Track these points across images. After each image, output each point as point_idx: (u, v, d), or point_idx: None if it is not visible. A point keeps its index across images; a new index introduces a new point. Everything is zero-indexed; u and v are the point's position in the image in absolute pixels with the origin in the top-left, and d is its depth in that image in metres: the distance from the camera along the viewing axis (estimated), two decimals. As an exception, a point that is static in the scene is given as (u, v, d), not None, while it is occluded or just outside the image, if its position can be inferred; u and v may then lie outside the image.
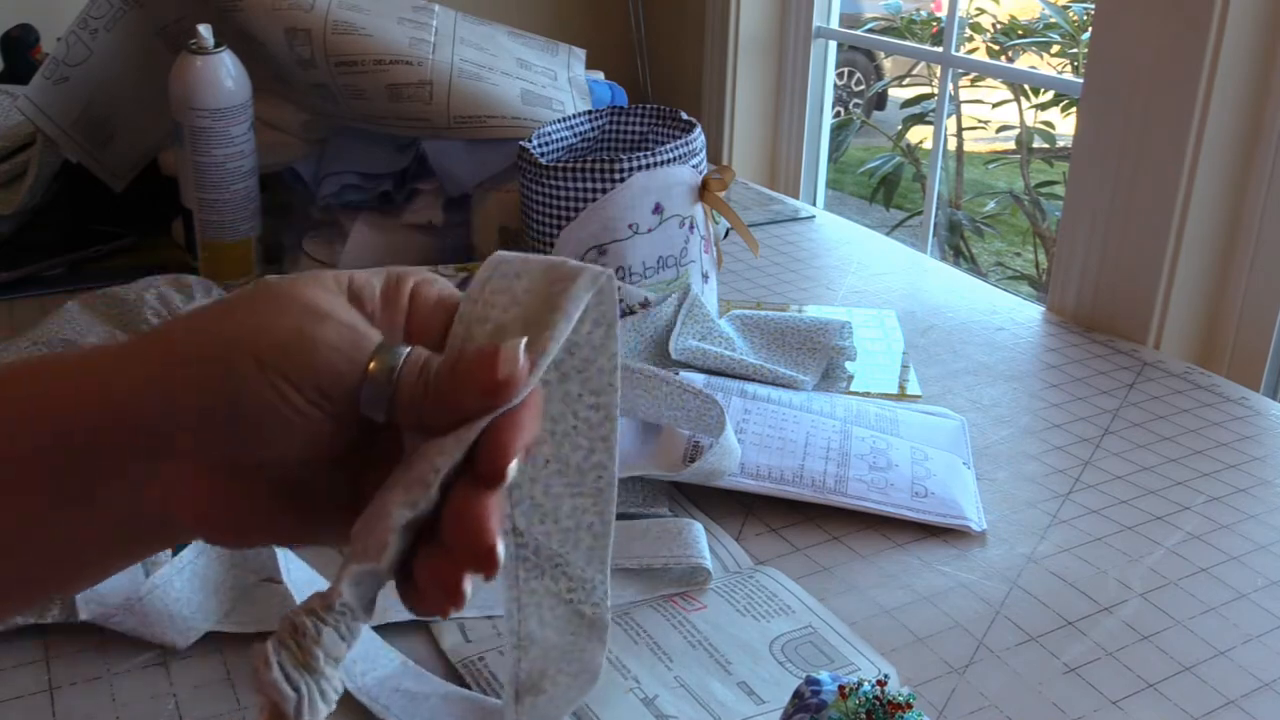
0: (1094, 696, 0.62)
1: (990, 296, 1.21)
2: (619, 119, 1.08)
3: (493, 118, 1.09)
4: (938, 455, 0.83)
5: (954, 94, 3.18)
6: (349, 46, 1.06)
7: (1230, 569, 0.74)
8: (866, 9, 4.42)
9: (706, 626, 0.65)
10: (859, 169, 4.05)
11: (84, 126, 1.14)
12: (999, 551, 0.75)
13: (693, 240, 1.00)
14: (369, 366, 0.34)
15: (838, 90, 4.87)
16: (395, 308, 0.37)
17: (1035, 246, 3.35)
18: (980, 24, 3.60)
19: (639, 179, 0.94)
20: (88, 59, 1.11)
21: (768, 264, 1.28)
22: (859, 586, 0.71)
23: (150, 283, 0.99)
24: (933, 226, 1.84)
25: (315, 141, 1.16)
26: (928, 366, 1.03)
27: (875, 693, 0.50)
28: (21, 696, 0.59)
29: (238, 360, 0.33)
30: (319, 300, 0.35)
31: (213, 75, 1.02)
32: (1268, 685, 0.63)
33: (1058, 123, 3.29)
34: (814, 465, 0.79)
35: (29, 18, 1.52)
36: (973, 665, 0.64)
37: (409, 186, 1.12)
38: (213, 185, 1.06)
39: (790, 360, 0.97)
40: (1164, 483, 0.84)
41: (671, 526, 0.72)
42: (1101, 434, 0.91)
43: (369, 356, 0.35)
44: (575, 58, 1.26)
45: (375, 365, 0.34)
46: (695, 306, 0.97)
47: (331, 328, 0.34)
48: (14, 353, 0.90)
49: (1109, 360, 1.06)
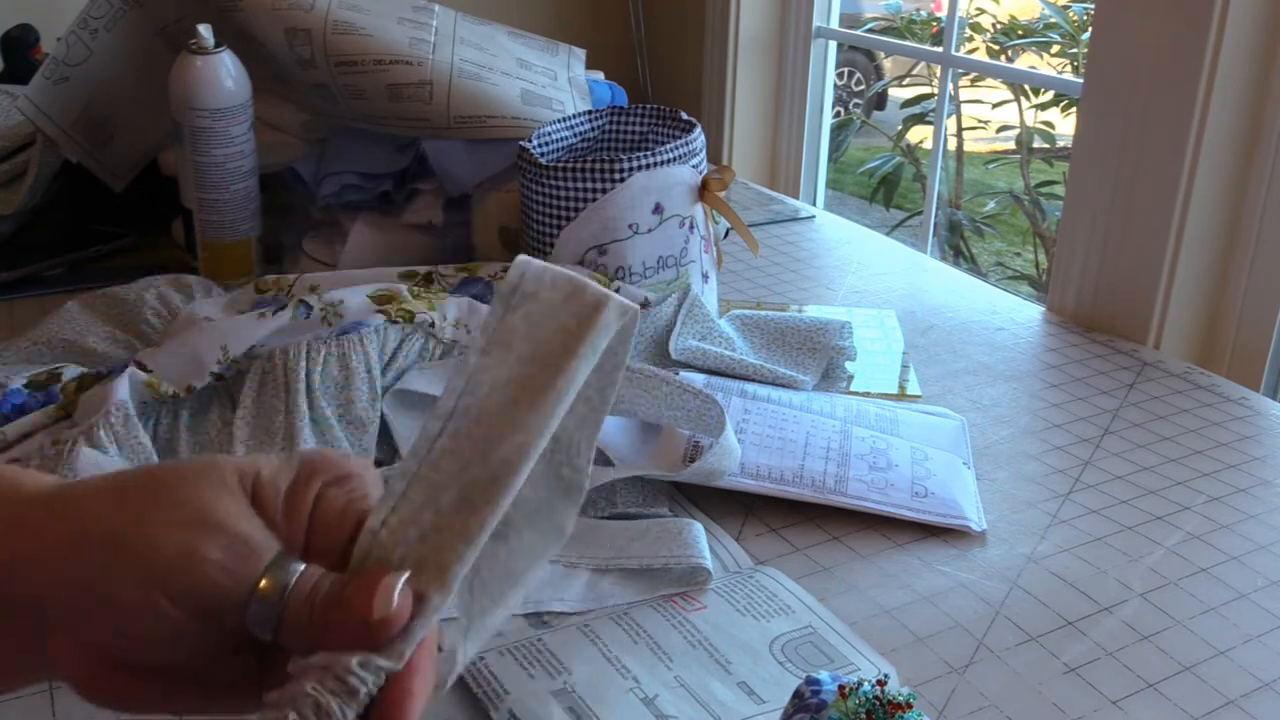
0: (1094, 696, 0.62)
1: (990, 296, 1.21)
2: (619, 119, 1.08)
3: (493, 118, 1.09)
4: (938, 455, 0.83)
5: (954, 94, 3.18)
6: (349, 46, 1.06)
7: (1230, 569, 0.74)
8: (866, 9, 4.41)
9: (706, 626, 0.65)
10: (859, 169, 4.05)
11: (84, 126, 1.14)
12: (999, 551, 0.75)
13: (693, 240, 1.00)
14: (260, 584, 0.33)
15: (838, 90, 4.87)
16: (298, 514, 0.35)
17: (1035, 246, 3.35)
18: (980, 24, 3.59)
19: (639, 179, 0.94)
20: (88, 59, 1.11)
21: (768, 264, 1.28)
22: (859, 586, 0.71)
23: (150, 283, 0.99)
24: (933, 226, 1.84)
25: (315, 141, 1.16)
26: (928, 366, 1.03)
27: (875, 693, 0.50)
28: (21, 696, 0.59)
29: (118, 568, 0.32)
30: (213, 509, 0.33)
31: (213, 75, 1.02)
32: (1268, 685, 0.63)
33: (1058, 123, 3.29)
34: (814, 465, 0.79)
35: (29, 18, 1.52)
36: (973, 665, 0.64)
37: (409, 186, 1.12)
38: (213, 185, 1.05)
39: (790, 360, 0.97)
40: (1164, 483, 0.84)
41: (671, 526, 0.72)
42: (1101, 434, 0.91)
43: (260, 574, 0.33)
44: (575, 58, 1.26)
45: (267, 583, 0.33)
46: (695, 306, 0.97)
47: (219, 544, 0.33)
48: (14, 352, 0.90)
49: (1109, 360, 1.06)
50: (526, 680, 0.60)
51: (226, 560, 0.33)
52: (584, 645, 0.63)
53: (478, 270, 0.98)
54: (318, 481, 0.35)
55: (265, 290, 0.95)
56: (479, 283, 0.97)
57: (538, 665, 0.61)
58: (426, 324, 0.86)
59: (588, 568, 0.70)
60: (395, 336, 0.85)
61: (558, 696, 0.59)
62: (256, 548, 0.33)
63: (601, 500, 0.76)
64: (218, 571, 0.32)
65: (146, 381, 0.78)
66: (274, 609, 0.33)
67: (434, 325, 0.86)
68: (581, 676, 0.61)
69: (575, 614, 0.67)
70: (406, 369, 0.84)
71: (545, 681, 0.60)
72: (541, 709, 0.58)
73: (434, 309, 0.88)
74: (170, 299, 0.97)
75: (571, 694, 0.59)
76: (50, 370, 0.83)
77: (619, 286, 0.95)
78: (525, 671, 0.61)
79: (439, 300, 0.89)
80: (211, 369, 0.80)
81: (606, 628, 0.65)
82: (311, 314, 0.85)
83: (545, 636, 0.64)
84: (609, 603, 0.68)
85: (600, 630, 0.64)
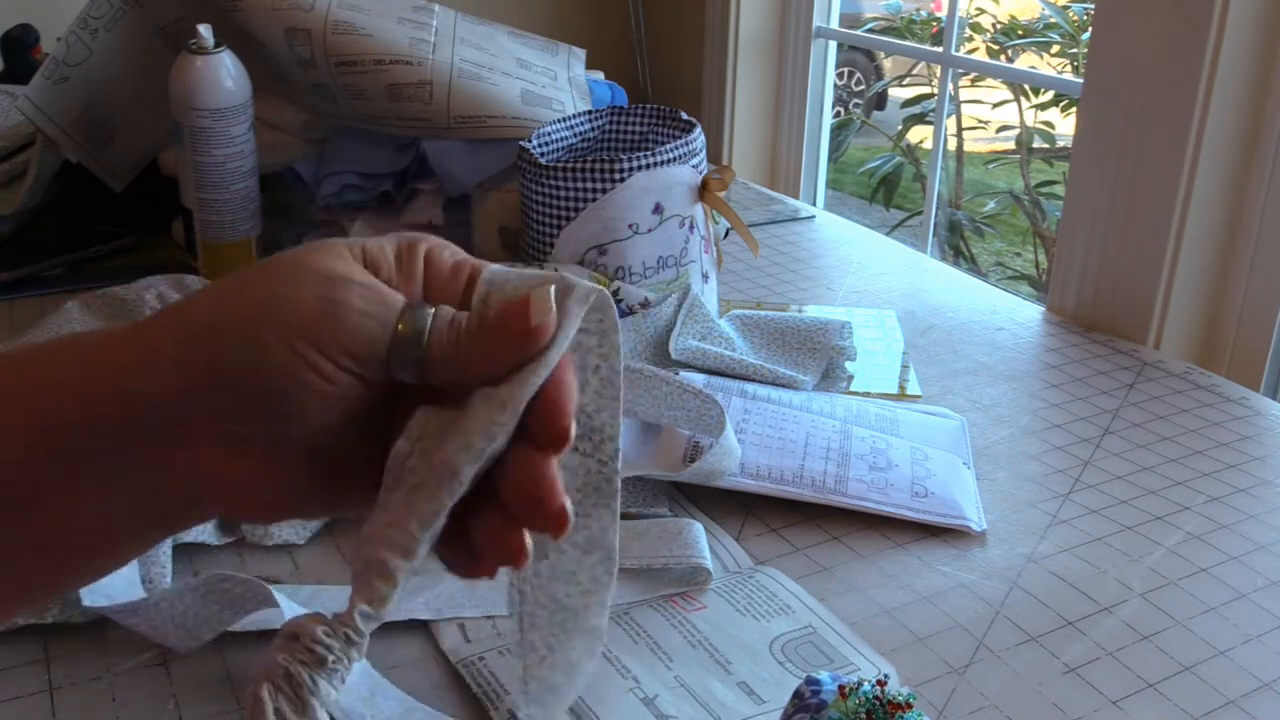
0: (1094, 696, 0.62)
1: (990, 296, 1.21)
2: (619, 119, 1.08)
3: (493, 118, 1.09)
4: (938, 455, 0.83)
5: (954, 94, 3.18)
6: (349, 46, 1.06)
7: (1230, 569, 0.74)
8: (866, 9, 4.42)
9: (706, 626, 0.65)
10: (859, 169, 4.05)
11: (84, 126, 1.14)
12: (999, 551, 0.75)
13: (693, 240, 1.00)
14: (398, 327, 0.34)
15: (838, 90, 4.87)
16: (411, 273, 0.36)
17: (1035, 246, 3.35)
18: (980, 24, 3.60)
19: (639, 179, 0.94)
20: (88, 59, 1.11)
21: (768, 264, 1.28)
22: (859, 586, 0.71)
23: (150, 283, 0.99)
24: (933, 226, 1.84)
25: (315, 141, 1.16)
26: (928, 366, 1.03)
27: (875, 693, 0.50)
28: (21, 696, 0.59)
29: (261, 332, 0.33)
30: (337, 267, 0.34)
31: (213, 75, 1.02)
32: (1268, 685, 0.63)
33: (1058, 123, 3.29)
34: (814, 465, 0.79)
35: (29, 18, 1.52)
36: (973, 665, 0.64)
37: (409, 186, 1.12)
38: (213, 185, 1.06)
39: (790, 360, 0.97)
40: (1164, 483, 0.84)
41: (671, 526, 0.72)
42: (1101, 434, 0.91)
43: (396, 317, 0.34)
44: (575, 58, 1.26)
45: (404, 326, 0.34)
46: (695, 306, 0.97)
47: (355, 292, 0.34)
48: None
49: (1109, 360, 1.06)
50: (526, 680, 0.60)
51: (365, 305, 0.34)
52: (584, 645, 0.63)
53: (478, 270, 0.98)
54: (422, 247, 0.37)
55: (265, 290, 0.95)
56: (479, 283, 0.97)
57: (538, 665, 0.61)
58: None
59: (588, 568, 0.70)
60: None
61: (558, 696, 0.59)
62: (389, 294, 0.35)
63: (601, 500, 0.76)
64: (358, 316, 0.34)
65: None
66: (415, 350, 0.34)
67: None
68: (581, 676, 0.61)
69: (575, 614, 0.67)
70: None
71: (545, 681, 0.60)
72: (541, 709, 0.58)
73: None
74: (170, 299, 0.97)
75: (571, 694, 0.59)
76: (50, 370, 0.83)
77: (619, 286, 0.95)
78: (525, 671, 0.61)
79: (439, 300, 0.89)
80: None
81: (606, 628, 0.65)
82: (311, 314, 0.85)
83: (545, 636, 0.64)
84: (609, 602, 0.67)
85: (600, 630, 0.64)
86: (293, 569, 0.70)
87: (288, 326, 0.33)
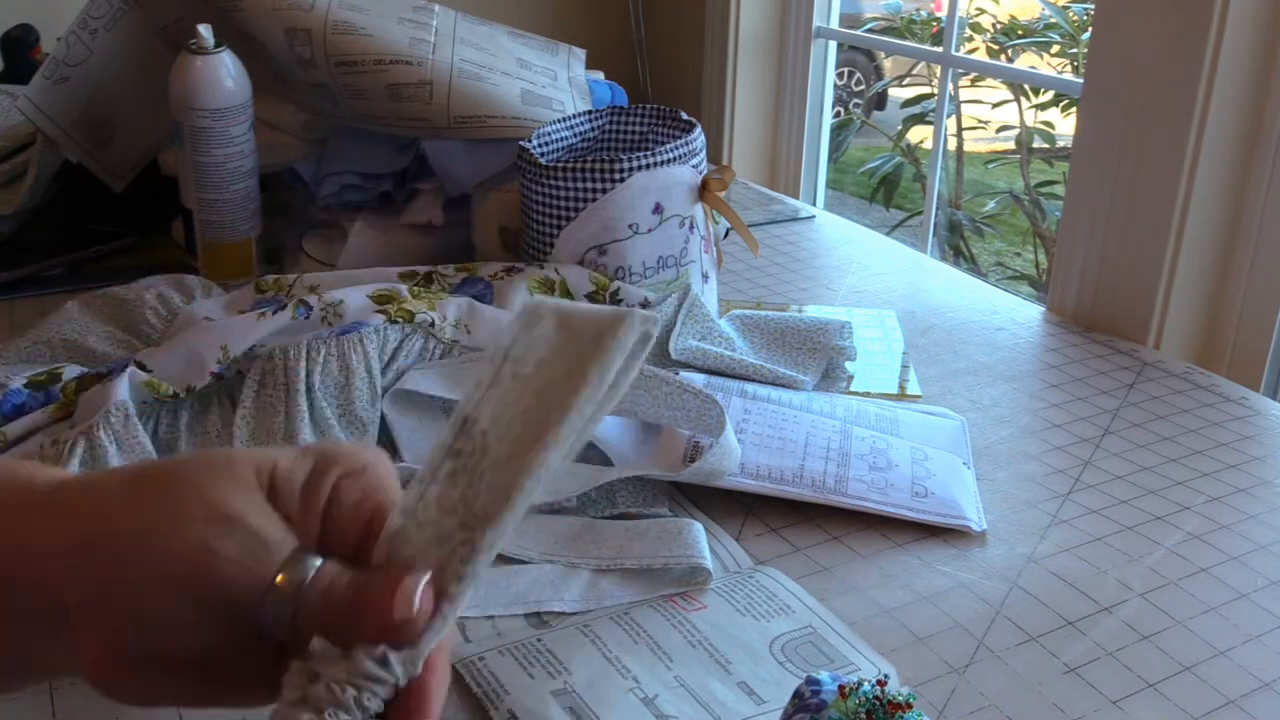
0: (1094, 696, 0.62)
1: (990, 296, 1.21)
2: (619, 119, 1.08)
3: (493, 118, 1.09)
4: (938, 455, 0.83)
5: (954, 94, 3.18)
6: (349, 46, 1.06)
7: (1230, 569, 0.74)
8: (866, 9, 4.42)
9: (706, 626, 0.65)
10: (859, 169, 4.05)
11: (84, 126, 1.13)
12: (999, 551, 0.75)
13: (693, 240, 1.00)
14: (276, 580, 0.33)
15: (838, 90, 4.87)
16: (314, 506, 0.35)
17: (1035, 246, 3.35)
18: (980, 24, 3.59)
19: (639, 179, 0.94)
20: (88, 59, 1.11)
21: (768, 264, 1.28)
22: (859, 586, 0.71)
23: (150, 283, 0.99)
24: (933, 226, 1.84)
25: (315, 141, 1.16)
26: (928, 366, 1.03)
27: (875, 693, 0.49)
28: (21, 696, 0.59)
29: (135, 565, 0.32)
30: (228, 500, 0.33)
31: (213, 75, 1.02)
32: (1268, 685, 0.63)
33: (1058, 123, 3.29)
34: (814, 465, 0.79)
35: (29, 18, 1.52)
36: (973, 665, 0.64)
37: (409, 186, 1.12)
38: (213, 185, 1.06)
39: (790, 360, 0.97)
40: (1164, 483, 0.84)
41: (671, 526, 0.72)
42: (1101, 434, 0.91)
43: (275, 571, 0.33)
44: (575, 58, 1.26)
45: (283, 579, 0.33)
46: (695, 306, 0.97)
47: (237, 540, 0.33)
48: (14, 351, 0.90)
49: (1109, 360, 1.06)
50: (526, 680, 0.60)
51: (243, 557, 0.33)
52: (584, 645, 0.63)
53: (478, 270, 0.98)
54: (334, 474, 0.35)
55: (265, 290, 0.95)
56: (479, 283, 0.97)
57: (538, 665, 0.61)
58: (426, 324, 0.86)
59: (588, 568, 0.70)
60: (395, 336, 0.85)
61: (558, 696, 0.59)
62: (272, 544, 0.33)
63: (602, 500, 0.76)
64: (234, 568, 0.32)
65: (146, 381, 0.78)
66: (289, 606, 0.33)
67: (434, 325, 0.86)
68: (581, 676, 0.61)
69: (575, 614, 0.67)
70: (406, 369, 0.84)
71: (545, 681, 0.60)
72: (541, 709, 0.58)
73: (434, 309, 0.88)
74: (170, 299, 0.97)
75: (571, 694, 0.59)
76: (50, 370, 0.83)
77: (619, 287, 0.95)
78: (525, 671, 0.61)
79: (439, 300, 0.89)
80: (211, 369, 0.80)
81: (606, 628, 0.65)
82: (311, 314, 0.85)
83: (545, 636, 0.64)
84: (609, 603, 0.68)
85: (600, 630, 0.64)
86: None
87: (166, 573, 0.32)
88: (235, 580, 0.33)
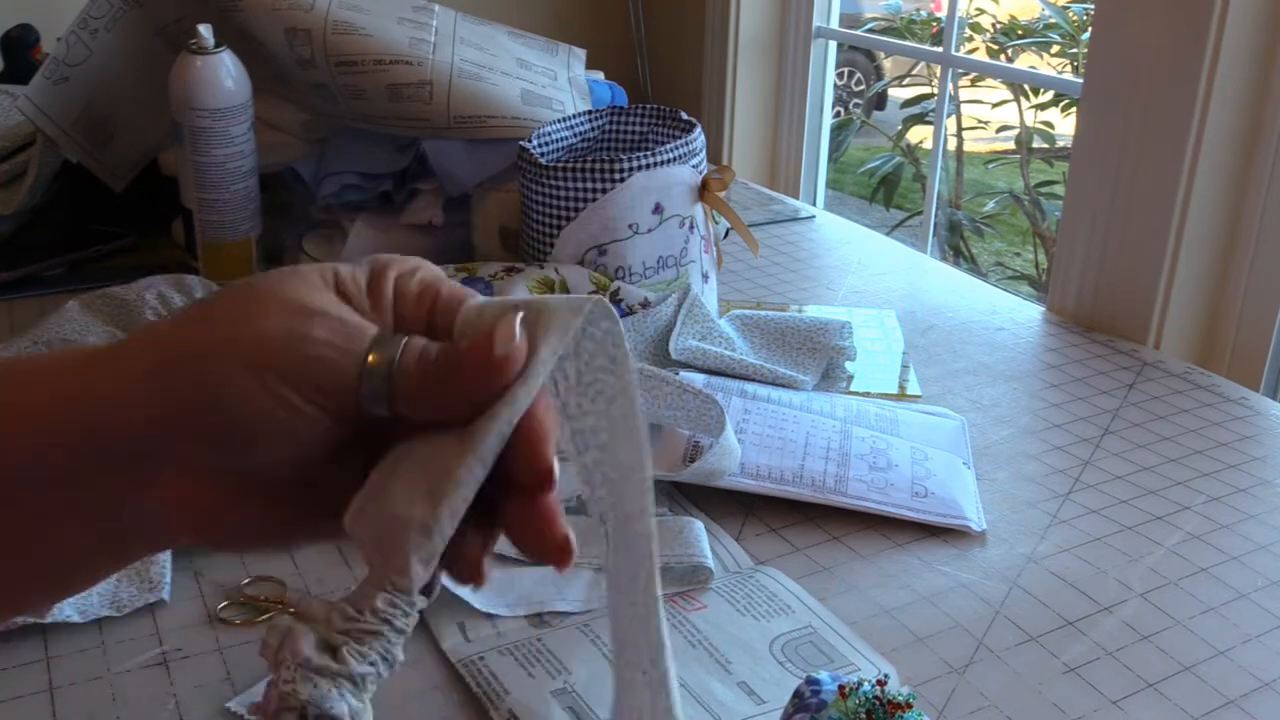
0: (1094, 696, 0.62)
1: (990, 296, 1.21)
2: (619, 119, 1.08)
3: (493, 118, 1.09)
4: (938, 455, 0.83)
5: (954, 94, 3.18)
6: (349, 46, 1.06)
7: (1230, 569, 0.74)
8: (866, 9, 4.42)
9: (706, 626, 0.65)
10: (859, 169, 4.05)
11: (84, 126, 1.14)
12: (999, 551, 0.75)
13: (693, 240, 1.00)
14: (368, 359, 0.33)
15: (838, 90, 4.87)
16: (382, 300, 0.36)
17: (1035, 246, 3.35)
18: (980, 24, 3.60)
19: (639, 179, 0.94)
20: (88, 59, 1.11)
21: (768, 264, 1.28)
22: (859, 586, 0.71)
23: (150, 283, 0.99)
24: (933, 226, 1.84)
25: (315, 141, 1.16)
26: (928, 366, 1.03)
27: (875, 693, 0.50)
28: (21, 696, 0.59)
29: (228, 364, 0.32)
30: (306, 297, 0.34)
31: (213, 75, 1.02)
32: (1268, 685, 0.63)
33: (1058, 123, 3.29)
34: (814, 465, 0.79)
35: (29, 18, 1.52)
36: (973, 665, 0.64)
37: (409, 186, 1.12)
38: (213, 185, 1.06)
39: (790, 360, 0.97)
40: (1164, 483, 0.84)
41: (672, 526, 0.72)
42: (1101, 434, 0.91)
43: (366, 349, 0.34)
44: (575, 58, 1.26)
45: (374, 358, 0.33)
46: (695, 306, 0.97)
47: (323, 323, 0.33)
48: (14, 353, 0.90)
49: (1109, 360, 1.06)
50: (526, 680, 0.60)
51: (333, 337, 0.33)
52: (584, 645, 0.63)
53: (477, 270, 0.98)
54: (392, 272, 0.36)
55: (265, 290, 0.95)
56: (479, 283, 0.97)
57: (538, 665, 0.61)
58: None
59: (588, 567, 0.70)
60: (395, 336, 0.85)
61: (558, 696, 0.59)
62: (359, 326, 0.34)
63: (601, 500, 0.76)
64: (325, 348, 0.33)
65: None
66: (385, 383, 0.33)
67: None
68: (581, 676, 0.61)
69: (575, 614, 0.67)
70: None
71: (545, 681, 0.60)
72: (541, 709, 0.58)
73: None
74: (170, 299, 0.97)
75: (571, 694, 0.59)
76: (50, 370, 0.83)
77: (619, 287, 0.95)
78: (525, 671, 0.61)
79: (439, 300, 0.89)
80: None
81: (606, 628, 0.65)
82: (311, 314, 0.85)
83: (545, 636, 0.64)
84: (609, 603, 0.67)
85: (600, 630, 0.64)
86: (293, 569, 0.70)
87: (253, 360, 0.32)
88: (328, 361, 0.33)
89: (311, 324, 0.33)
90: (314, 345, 0.33)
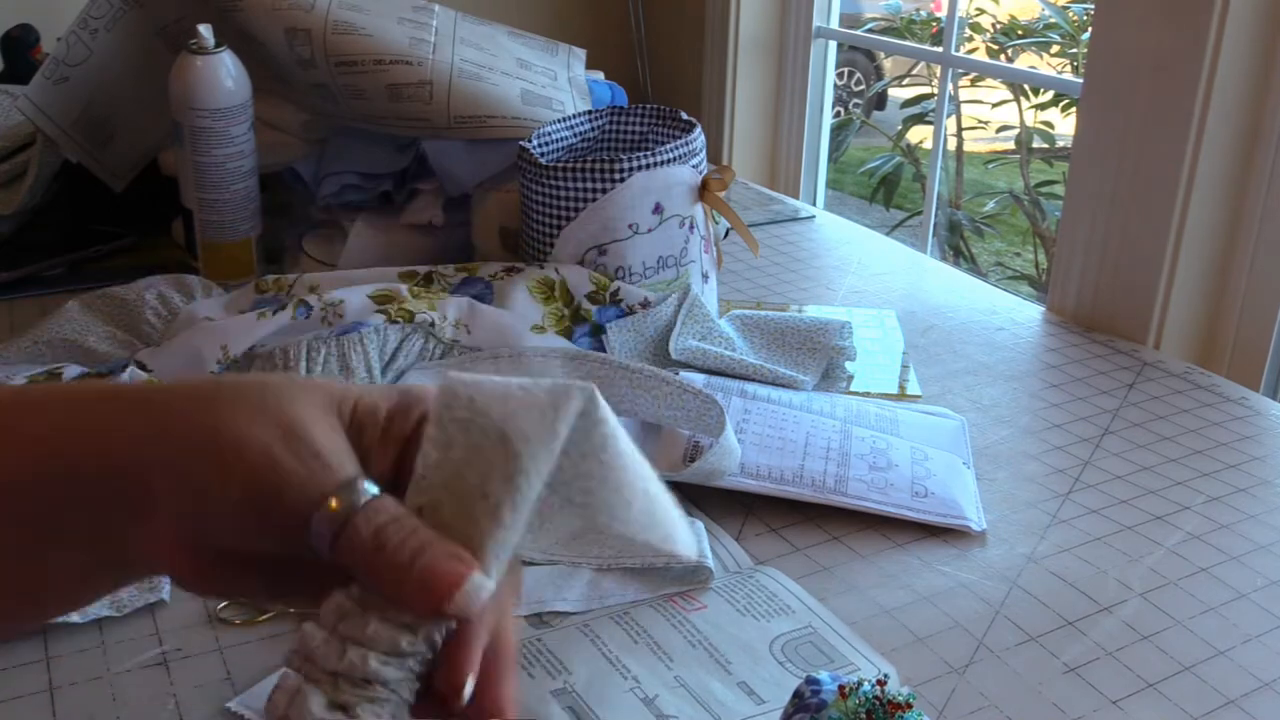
0: (1094, 696, 0.62)
1: (990, 296, 1.21)
2: (619, 119, 1.08)
3: (493, 118, 1.09)
4: (938, 455, 0.83)
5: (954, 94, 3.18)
6: (349, 46, 1.06)
7: (1230, 569, 0.74)
8: (866, 9, 4.42)
9: (706, 626, 0.65)
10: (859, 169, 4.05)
11: (84, 126, 1.13)
12: (999, 551, 0.75)
13: (693, 240, 1.00)
14: (329, 502, 0.33)
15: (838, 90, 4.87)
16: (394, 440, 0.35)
17: (1035, 246, 3.36)
18: (980, 24, 3.60)
19: (639, 179, 0.94)
20: (88, 59, 1.11)
21: (768, 264, 1.28)
22: (859, 586, 0.71)
23: (150, 283, 0.99)
24: (933, 226, 1.84)
25: (315, 141, 1.16)
26: (928, 366, 1.03)
27: (875, 693, 0.50)
28: (21, 696, 0.59)
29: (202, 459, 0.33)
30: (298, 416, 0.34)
31: (213, 75, 1.02)
32: (1268, 685, 0.63)
33: (1058, 123, 3.29)
34: (814, 465, 0.79)
35: (29, 18, 1.52)
36: (973, 665, 0.64)
37: (409, 186, 1.12)
38: (213, 185, 1.06)
39: (790, 360, 0.97)
40: (1164, 483, 0.84)
41: (671, 526, 0.72)
42: (1101, 434, 0.91)
43: (330, 491, 0.33)
44: (575, 58, 1.26)
45: (335, 503, 0.33)
46: (695, 306, 0.97)
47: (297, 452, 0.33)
48: (14, 351, 0.90)
49: (1109, 360, 1.06)
50: (526, 680, 0.60)
51: (299, 469, 0.33)
52: (584, 645, 0.63)
53: (478, 270, 0.98)
54: (418, 411, 0.36)
55: (265, 290, 0.95)
56: (479, 283, 0.97)
57: (538, 665, 0.61)
58: (426, 324, 0.86)
59: (589, 567, 0.70)
60: (395, 336, 0.85)
61: (558, 696, 0.59)
62: (333, 464, 0.34)
63: (601, 500, 0.76)
64: (290, 478, 0.33)
65: (147, 382, 0.78)
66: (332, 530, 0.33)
67: (434, 325, 0.86)
68: (581, 676, 0.61)
69: (575, 614, 0.67)
70: (406, 369, 0.84)
71: (545, 681, 0.60)
72: (541, 709, 0.58)
73: (434, 309, 0.88)
74: (170, 299, 0.97)
75: (571, 694, 0.59)
76: (50, 370, 0.83)
77: (619, 286, 0.95)
78: (525, 671, 0.61)
79: (439, 300, 0.89)
80: (211, 369, 0.80)
81: (606, 628, 0.65)
82: (311, 314, 0.85)
83: (545, 636, 0.64)
84: (610, 602, 0.68)
85: (600, 630, 0.64)
86: (293, 569, 0.70)
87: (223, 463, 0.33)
88: (290, 490, 0.33)
89: (286, 448, 0.33)
90: (281, 472, 0.33)
